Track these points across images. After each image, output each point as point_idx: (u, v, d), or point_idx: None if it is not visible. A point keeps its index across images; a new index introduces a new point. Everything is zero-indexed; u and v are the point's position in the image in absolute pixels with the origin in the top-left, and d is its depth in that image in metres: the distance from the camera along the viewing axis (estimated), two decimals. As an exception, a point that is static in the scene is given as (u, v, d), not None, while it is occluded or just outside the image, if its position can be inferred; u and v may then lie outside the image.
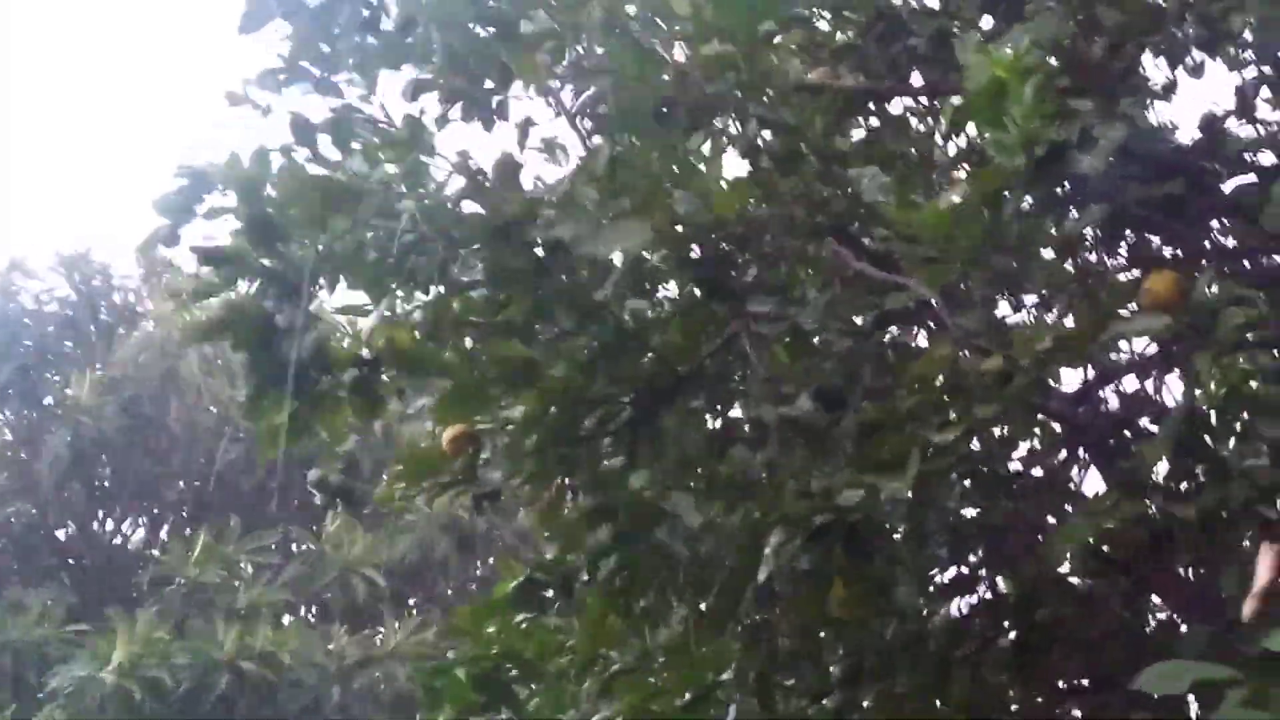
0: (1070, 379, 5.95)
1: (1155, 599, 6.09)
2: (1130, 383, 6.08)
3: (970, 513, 5.85)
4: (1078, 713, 6.05)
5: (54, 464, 20.67)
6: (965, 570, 5.90)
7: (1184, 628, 5.87)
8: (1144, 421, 5.96)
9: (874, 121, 6.12)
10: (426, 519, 19.28)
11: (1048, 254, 5.88)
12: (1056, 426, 6.20)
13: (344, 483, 5.40)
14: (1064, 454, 6.24)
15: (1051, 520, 5.97)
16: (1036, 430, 6.22)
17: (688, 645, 5.72)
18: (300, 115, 5.06)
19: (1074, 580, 5.82)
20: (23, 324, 21.39)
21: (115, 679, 17.83)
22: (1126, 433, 5.95)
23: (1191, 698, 5.62)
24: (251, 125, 5.36)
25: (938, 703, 5.67)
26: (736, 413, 5.74)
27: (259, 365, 4.93)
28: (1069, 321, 5.85)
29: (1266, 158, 5.72)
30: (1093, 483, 6.66)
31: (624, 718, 6.12)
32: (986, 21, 5.87)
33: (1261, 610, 4.41)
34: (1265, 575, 4.44)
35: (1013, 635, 5.79)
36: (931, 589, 5.78)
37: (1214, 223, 5.83)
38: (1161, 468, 5.38)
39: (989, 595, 5.88)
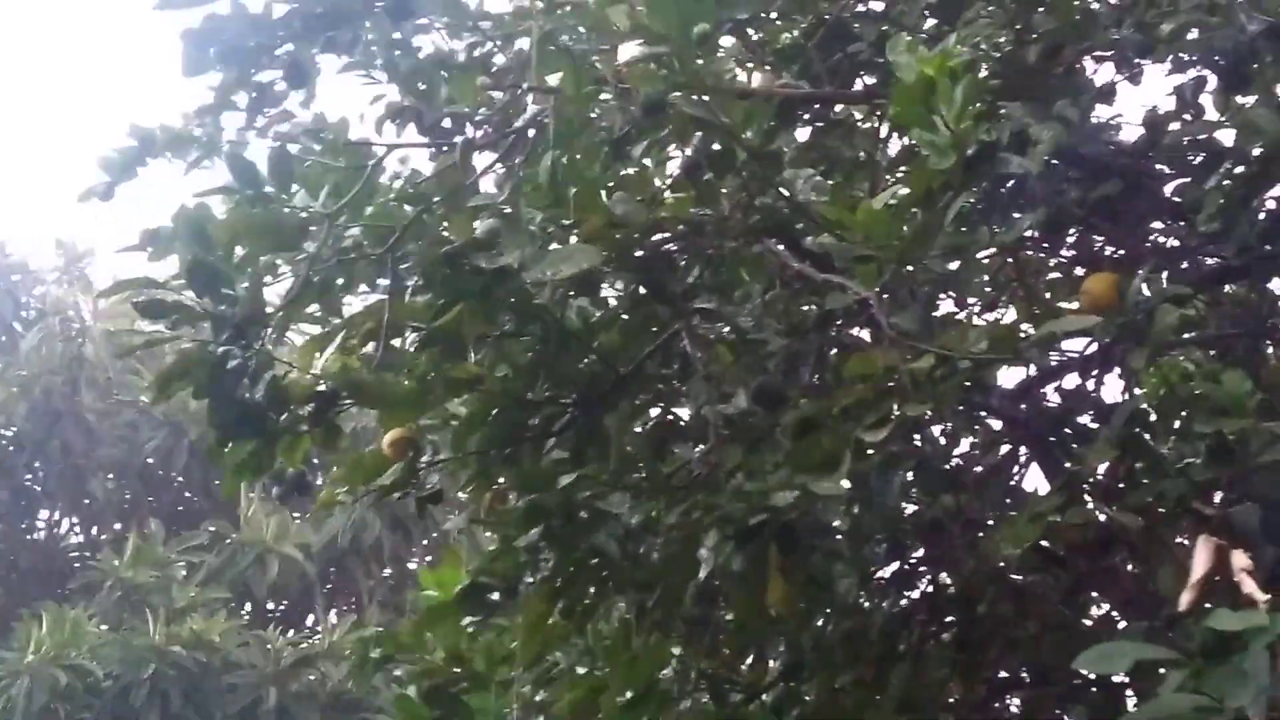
0: (1013, 377, 6.02)
1: (1093, 595, 6.16)
2: (1071, 381, 6.17)
3: (910, 509, 5.92)
4: (1015, 707, 6.13)
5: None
6: (906, 566, 5.96)
7: (1122, 624, 5.94)
8: (1084, 419, 6.03)
9: (818, 125, 6.17)
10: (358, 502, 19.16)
11: (988, 255, 5.98)
12: (996, 424, 6.27)
13: (297, 474, 5.44)
14: (1005, 451, 6.32)
15: (990, 518, 6.06)
16: (977, 427, 6.29)
17: (628, 643, 5.76)
18: (238, 155, 5.08)
19: (1014, 576, 5.88)
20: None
21: (40, 665, 17.79)
22: (1067, 430, 6.02)
23: (1130, 693, 5.71)
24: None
25: (877, 697, 5.73)
26: (678, 412, 5.81)
27: (218, 410, 4.96)
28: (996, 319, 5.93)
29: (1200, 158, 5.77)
30: (1032, 479, 6.77)
31: (566, 715, 6.17)
32: (930, 26, 5.92)
33: (1198, 601, 4.46)
34: (1202, 567, 4.49)
35: (953, 630, 5.85)
36: (872, 584, 5.84)
37: (1156, 223, 5.90)
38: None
39: (929, 590, 5.94)
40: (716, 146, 5.05)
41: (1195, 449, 5.14)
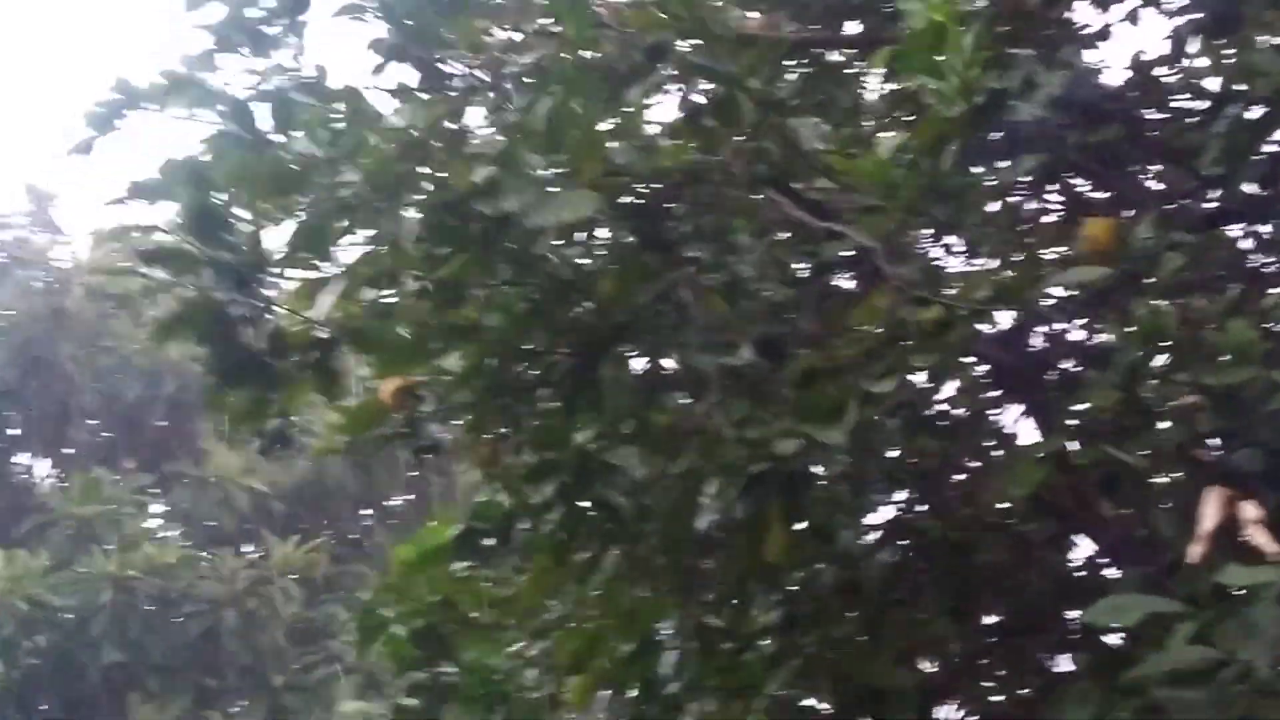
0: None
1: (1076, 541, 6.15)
2: (1057, 326, 6.14)
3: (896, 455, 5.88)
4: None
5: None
6: (901, 514, 5.94)
7: (1108, 572, 5.94)
8: (1069, 365, 6.02)
9: (807, 70, 6.10)
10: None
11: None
12: (980, 369, 6.24)
13: (279, 426, 5.39)
14: (991, 396, 6.30)
15: (976, 463, 6.04)
16: (960, 372, 6.26)
17: (624, 594, 5.74)
18: (238, 101, 5.02)
19: (1008, 523, 5.86)
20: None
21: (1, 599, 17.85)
22: (1053, 375, 6.01)
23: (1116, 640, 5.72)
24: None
25: (873, 647, 5.71)
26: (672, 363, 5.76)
27: (219, 357, 4.92)
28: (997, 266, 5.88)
29: (1200, 103, 5.74)
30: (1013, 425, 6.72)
31: (564, 667, 6.15)
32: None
33: (1208, 553, 4.47)
34: (1211, 519, 4.49)
35: (948, 579, 5.83)
36: (867, 534, 5.81)
37: (1149, 168, 5.87)
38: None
39: (923, 539, 5.91)
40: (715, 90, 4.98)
41: (1179, 393, 5.13)
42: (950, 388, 6.24)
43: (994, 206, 5.73)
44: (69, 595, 18.37)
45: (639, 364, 5.67)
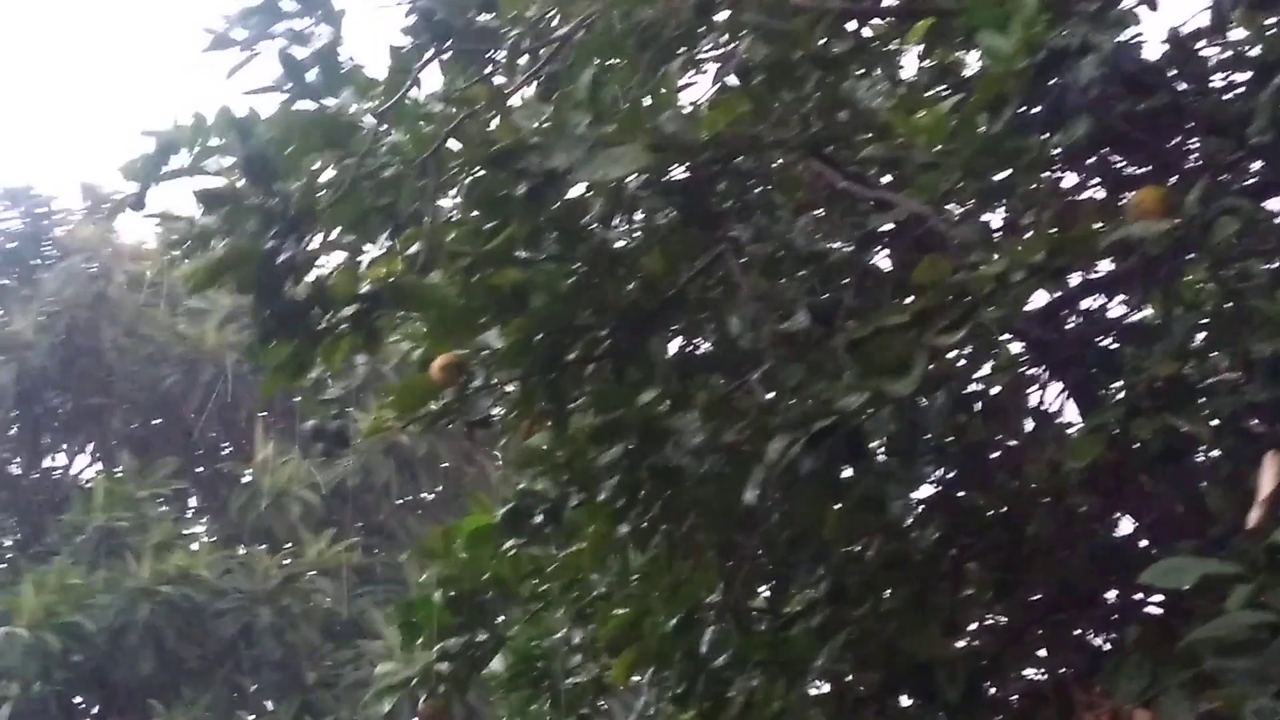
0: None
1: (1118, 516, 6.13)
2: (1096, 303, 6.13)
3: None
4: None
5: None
6: (947, 488, 5.92)
7: (1151, 547, 5.93)
8: (1107, 341, 6.01)
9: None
10: (368, 442, 19.06)
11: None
12: (1015, 346, 6.23)
13: (340, 428, 5.41)
14: (1030, 373, 6.28)
15: (1016, 440, 6.03)
16: (996, 350, 6.25)
17: (667, 567, 5.72)
18: (289, 54, 5.02)
19: (1046, 500, 5.84)
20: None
21: (28, 634, 17.63)
22: (1092, 352, 6.00)
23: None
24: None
25: (920, 621, 5.69)
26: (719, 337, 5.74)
27: (263, 306, 4.92)
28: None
29: (1242, 74, 5.73)
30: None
31: (606, 645, 6.14)
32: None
33: (1267, 517, 4.44)
34: (1270, 483, 4.47)
35: (995, 553, 5.81)
36: (916, 507, 5.80)
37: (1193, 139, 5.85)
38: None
39: (969, 512, 5.90)
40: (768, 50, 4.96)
41: (1216, 369, 5.12)
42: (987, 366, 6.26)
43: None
44: (103, 613, 18.20)
45: (685, 339, 5.69)
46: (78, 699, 19.29)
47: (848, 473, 5.02)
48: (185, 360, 20.88)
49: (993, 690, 5.85)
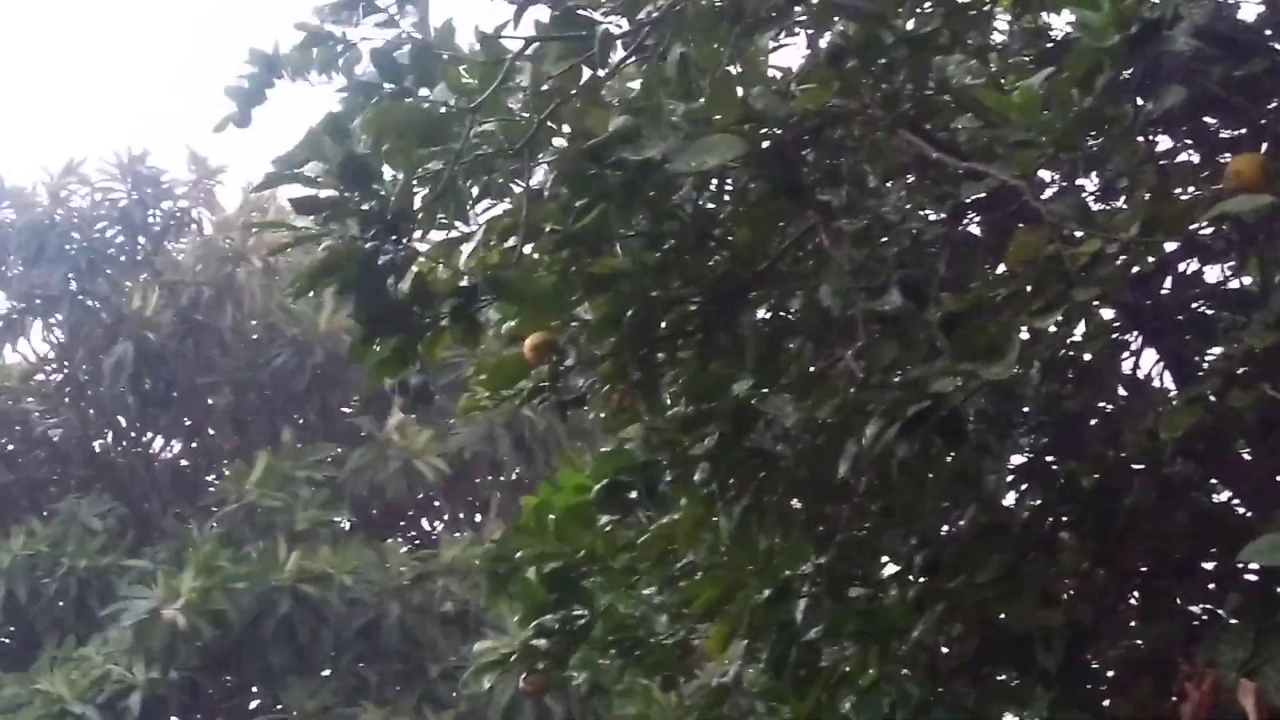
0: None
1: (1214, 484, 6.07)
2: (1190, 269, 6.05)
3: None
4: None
5: (115, 373, 20.56)
6: (1042, 458, 5.89)
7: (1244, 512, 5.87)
8: (1201, 308, 5.94)
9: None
10: (487, 416, 19.05)
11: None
12: (1107, 312, 6.17)
13: (422, 383, 5.42)
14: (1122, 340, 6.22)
15: (1109, 408, 5.98)
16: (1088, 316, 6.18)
17: (758, 540, 5.72)
18: (383, 51, 5.05)
19: (1137, 467, 5.80)
20: (74, 227, 21.20)
21: (182, 617, 17.93)
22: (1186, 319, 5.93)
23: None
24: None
25: (1016, 590, 5.68)
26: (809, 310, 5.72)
27: (365, 305, 4.95)
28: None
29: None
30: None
31: (698, 615, 6.15)
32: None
33: None
34: None
35: (1089, 521, 5.78)
36: (1011, 477, 5.77)
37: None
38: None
39: (1065, 482, 5.86)
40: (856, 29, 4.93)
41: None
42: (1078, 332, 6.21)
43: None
44: (245, 600, 18.40)
45: (776, 311, 5.67)
46: (206, 686, 19.47)
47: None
48: (296, 341, 20.94)
49: (1092, 661, 5.83)
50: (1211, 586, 5.85)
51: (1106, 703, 5.82)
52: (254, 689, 20.06)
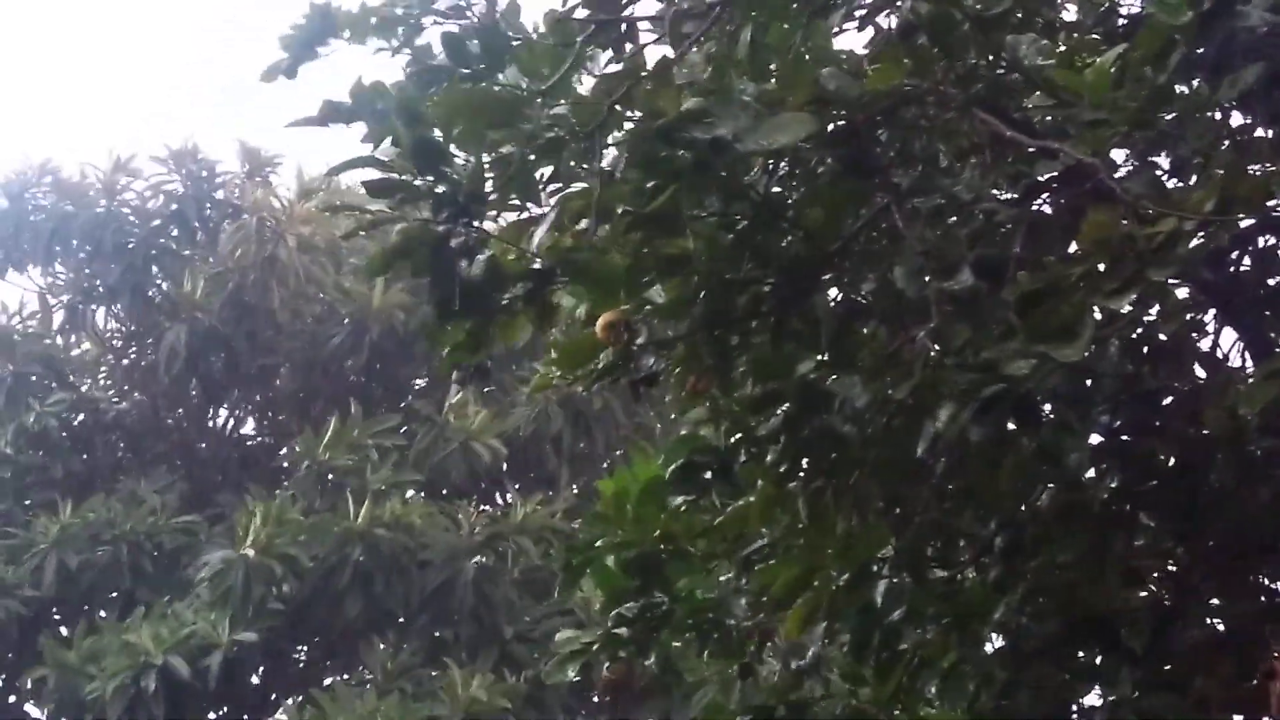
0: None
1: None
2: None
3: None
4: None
5: (170, 357, 20.87)
6: (1116, 435, 5.84)
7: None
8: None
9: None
10: (544, 395, 19.13)
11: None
12: (1182, 291, 6.11)
13: (481, 362, 5.41)
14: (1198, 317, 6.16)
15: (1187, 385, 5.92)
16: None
17: (834, 523, 5.70)
18: (453, 33, 5.05)
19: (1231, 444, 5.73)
20: (129, 221, 21.46)
21: (256, 556, 18.29)
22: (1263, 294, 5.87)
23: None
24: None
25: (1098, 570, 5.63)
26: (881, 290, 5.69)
27: (438, 288, 4.95)
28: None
29: None
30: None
31: (777, 598, 6.13)
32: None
33: None
34: None
35: (1171, 499, 5.73)
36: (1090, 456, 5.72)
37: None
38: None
39: (1146, 461, 5.81)
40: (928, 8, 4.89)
41: None
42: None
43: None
44: (317, 547, 18.64)
45: (848, 293, 5.64)
46: (286, 646, 19.72)
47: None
48: (352, 319, 21.11)
49: (1173, 641, 5.77)
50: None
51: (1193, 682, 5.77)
52: (334, 653, 20.31)
